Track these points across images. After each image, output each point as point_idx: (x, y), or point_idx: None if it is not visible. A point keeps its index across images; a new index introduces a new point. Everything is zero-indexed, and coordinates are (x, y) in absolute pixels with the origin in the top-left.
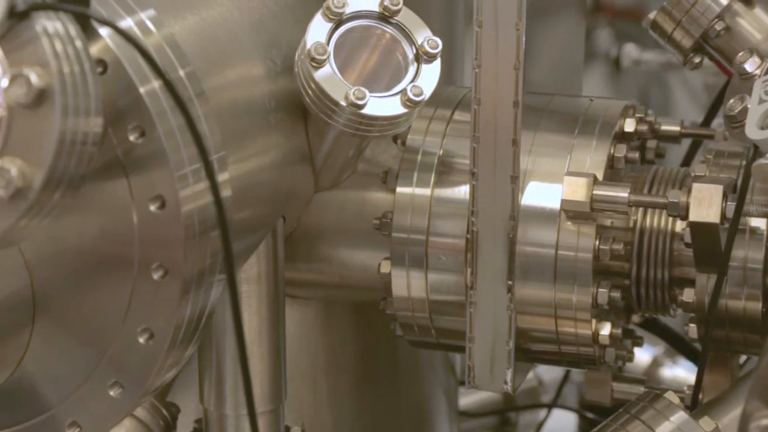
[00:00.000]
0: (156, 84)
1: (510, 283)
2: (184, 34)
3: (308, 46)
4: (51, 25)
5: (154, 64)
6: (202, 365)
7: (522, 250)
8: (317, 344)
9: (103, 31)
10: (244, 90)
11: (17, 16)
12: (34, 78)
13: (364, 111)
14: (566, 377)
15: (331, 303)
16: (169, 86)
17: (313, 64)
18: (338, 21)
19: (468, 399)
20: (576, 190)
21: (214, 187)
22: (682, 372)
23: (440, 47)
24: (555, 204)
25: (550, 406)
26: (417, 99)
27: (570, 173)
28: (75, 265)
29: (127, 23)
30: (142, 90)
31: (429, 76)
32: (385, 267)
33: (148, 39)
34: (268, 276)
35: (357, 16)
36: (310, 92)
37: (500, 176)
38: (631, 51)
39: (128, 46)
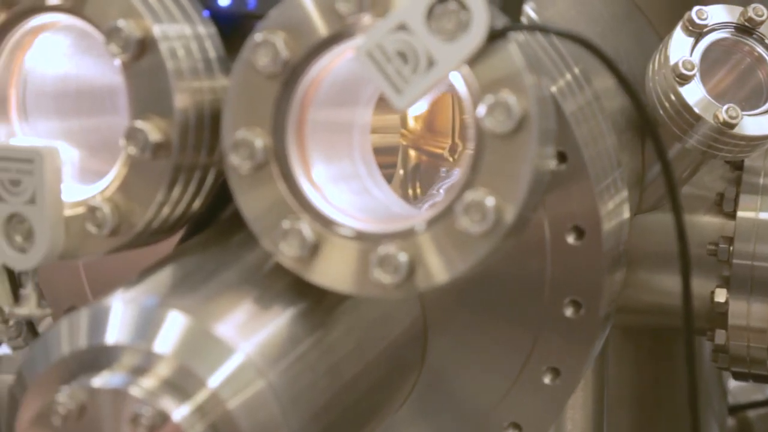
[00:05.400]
0: (562, 83)
1: None
2: None
3: (673, 60)
4: (523, 41)
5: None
6: None
7: None
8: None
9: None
10: (607, 105)
11: (493, 38)
12: (513, 103)
13: (736, 131)
14: None
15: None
16: (620, 77)
17: (678, 79)
18: (698, 34)
19: None
20: None
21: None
22: None
23: None
24: None
25: None
26: None
27: None
28: (472, 297)
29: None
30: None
31: None
32: (720, 295)
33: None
34: None
35: (716, 28)
36: (667, 105)
37: None
38: None
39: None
